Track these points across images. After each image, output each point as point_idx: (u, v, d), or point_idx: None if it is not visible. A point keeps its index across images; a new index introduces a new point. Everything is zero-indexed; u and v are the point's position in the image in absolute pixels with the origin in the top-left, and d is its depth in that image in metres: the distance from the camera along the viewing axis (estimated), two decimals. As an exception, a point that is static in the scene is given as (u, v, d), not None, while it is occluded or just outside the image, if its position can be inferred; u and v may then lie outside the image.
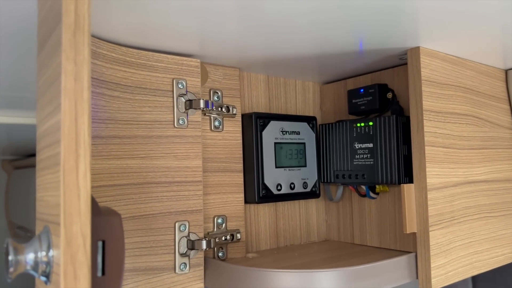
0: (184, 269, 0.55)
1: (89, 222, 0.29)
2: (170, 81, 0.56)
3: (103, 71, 0.50)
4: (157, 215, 0.54)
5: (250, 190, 0.66)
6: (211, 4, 0.44)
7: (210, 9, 0.44)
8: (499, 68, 0.73)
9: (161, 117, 0.55)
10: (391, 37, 0.55)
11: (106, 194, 0.50)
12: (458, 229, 0.61)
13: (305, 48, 0.60)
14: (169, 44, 0.55)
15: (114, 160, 0.51)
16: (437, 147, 0.58)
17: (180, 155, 0.56)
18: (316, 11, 0.46)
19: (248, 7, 0.45)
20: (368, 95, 0.68)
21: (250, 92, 0.71)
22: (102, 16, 0.45)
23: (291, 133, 0.70)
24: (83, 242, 0.29)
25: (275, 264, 0.61)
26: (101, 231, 0.31)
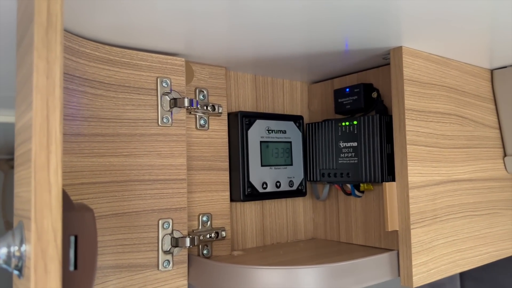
0: (167, 266, 0.56)
1: (60, 217, 0.29)
2: (154, 79, 0.57)
3: (86, 69, 0.51)
4: (140, 212, 0.54)
5: (236, 188, 0.66)
6: (197, 4, 0.44)
7: (196, 8, 0.45)
8: (485, 68, 0.74)
9: (145, 115, 0.56)
10: (374, 36, 0.56)
11: (88, 191, 0.50)
12: (440, 227, 0.61)
13: (292, 48, 0.60)
14: (154, 43, 0.56)
15: (97, 158, 0.51)
16: (419, 146, 0.59)
17: (164, 153, 0.57)
18: (303, 10, 0.46)
19: (235, 7, 0.45)
20: (353, 94, 0.68)
21: (237, 91, 0.71)
22: (85, 15, 0.45)
23: (277, 132, 0.71)
24: (54, 236, 0.29)
25: (260, 262, 0.61)
26: (73, 226, 0.31)
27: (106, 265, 0.52)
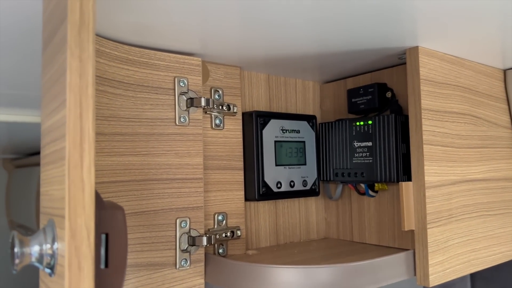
0: (185, 265, 0.56)
1: (93, 216, 0.29)
2: (171, 79, 0.57)
3: (106, 69, 0.51)
4: (158, 211, 0.55)
5: (250, 187, 0.66)
6: (213, 3, 0.44)
7: (211, 8, 0.45)
8: (498, 68, 0.74)
9: (163, 114, 0.56)
10: (390, 36, 0.56)
11: (108, 190, 0.51)
12: (456, 227, 0.61)
13: (305, 47, 0.60)
14: (171, 43, 0.56)
15: (117, 157, 0.52)
16: (435, 146, 0.59)
17: (181, 152, 0.57)
18: (316, 10, 0.47)
19: (249, 7, 0.45)
20: (367, 94, 0.69)
21: (250, 90, 0.72)
22: (105, 15, 0.46)
23: (291, 132, 0.71)
24: (87, 234, 0.29)
25: (275, 261, 0.62)
26: (104, 225, 0.31)
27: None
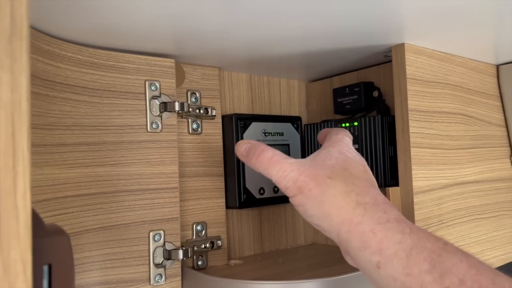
0: (159, 281, 0.53)
1: (29, 247, 0.26)
2: (142, 83, 0.53)
3: (68, 74, 0.48)
4: (129, 224, 0.51)
5: (231, 195, 0.63)
6: (186, 3, 0.41)
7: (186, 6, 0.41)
8: (490, 63, 0.70)
9: (133, 121, 0.52)
10: (375, 33, 0.53)
11: (73, 205, 0.47)
12: (446, 233, 0.58)
13: (289, 45, 0.57)
14: (141, 44, 0.52)
15: (82, 169, 0.48)
16: (423, 148, 0.56)
17: (154, 160, 0.53)
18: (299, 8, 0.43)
19: (227, 5, 0.42)
20: (353, 94, 0.65)
21: (231, 92, 0.68)
22: (65, 16, 0.42)
23: (274, 135, 0.68)
24: (23, 268, 0.26)
25: (258, 272, 0.59)
26: (46, 254, 0.28)
27: (94, 282, 0.49)
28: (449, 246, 0.35)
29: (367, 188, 0.40)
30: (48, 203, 0.44)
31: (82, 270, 0.48)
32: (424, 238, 0.36)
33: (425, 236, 0.36)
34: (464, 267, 0.33)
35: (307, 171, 0.41)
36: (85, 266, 0.48)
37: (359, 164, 0.44)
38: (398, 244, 0.36)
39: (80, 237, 0.48)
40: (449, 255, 0.34)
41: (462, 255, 0.34)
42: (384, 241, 0.36)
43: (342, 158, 0.43)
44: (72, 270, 0.29)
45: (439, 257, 0.34)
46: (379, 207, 0.38)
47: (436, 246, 0.35)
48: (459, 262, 0.34)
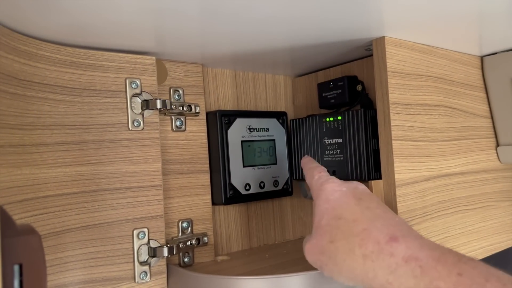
0: (144, 278, 0.53)
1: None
2: (122, 81, 0.53)
3: (46, 74, 0.47)
4: (113, 223, 0.51)
5: (217, 191, 0.63)
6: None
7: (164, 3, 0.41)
8: (474, 55, 0.70)
9: (114, 119, 0.52)
10: (355, 27, 0.52)
11: (54, 204, 0.47)
12: (431, 225, 0.58)
13: (273, 41, 0.57)
14: (121, 42, 0.52)
15: (62, 168, 0.48)
16: (406, 141, 0.56)
17: (136, 159, 0.53)
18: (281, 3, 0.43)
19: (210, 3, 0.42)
20: (337, 88, 0.65)
21: (215, 88, 0.68)
22: (41, 15, 0.42)
23: (260, 130, 0.68)
24: (-8, 268, 0.26)
25: (244, 268, 0.59)
26: (17, 254, 0.28)
27: (78, 281, 0.49)
28: (464, 276, 0.34)
29: (367, 232, 0.41)
30: (28, 203, 0.44)
31: (66, 269, 0.48)
32: (436, 278, 0.35)
33: (437, 274, 0.35)
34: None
35: (314, 247, 0.44)
36: (68, 265, 0.48)
37: (349, 198, 0.45)
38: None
39: (62, 236, 0.48)
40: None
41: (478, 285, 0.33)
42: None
43: (332, 207, 0.45)
44: (44, 270, 0.29)
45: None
46: (384, 252, 0.39)
47: (450, 283, 0.34)
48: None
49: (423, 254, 0.37)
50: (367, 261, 0.39)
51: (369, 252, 0.39)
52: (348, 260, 0.41)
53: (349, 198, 0.45)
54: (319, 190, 0.47)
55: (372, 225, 0.41)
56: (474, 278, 0.34)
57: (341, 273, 0.42)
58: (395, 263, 0.38)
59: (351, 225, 0.42)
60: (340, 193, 0.45)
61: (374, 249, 0.39)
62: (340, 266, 0.41)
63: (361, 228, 0.41)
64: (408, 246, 0.38)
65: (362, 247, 0.40)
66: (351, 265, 0.40)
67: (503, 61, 0.69)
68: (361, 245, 0.40)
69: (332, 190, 0.46)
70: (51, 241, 0.47)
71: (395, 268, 0.37)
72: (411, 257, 0.37)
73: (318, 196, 0.47)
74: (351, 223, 0.42)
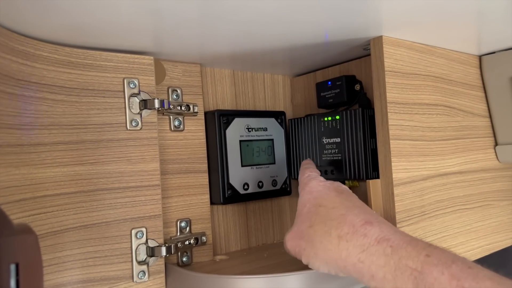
0: (143, 277, 0.53)
1: (-6, 246, 0.26)
2: (120, 81, 0.53)
3: (44, 74, 0.48)
4: (111, 223, 0.51)
5: (215, 191, 0.63)
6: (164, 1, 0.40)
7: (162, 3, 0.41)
8: (473, 54, 0.70)
9: (112, 119, 0.52)
10: (353, 26, 0.52)
11: (52, 204, 0.47)
12: (429, 224, 0.58)
13: (271, 41, 0.57)
14: (119, 42, 0.52)
15: (60, 168, 0.48)
16: (403, 140, 0.56)
17: (134, 158, 0.53)
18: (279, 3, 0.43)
19: (209, 3, 0.42)
20: (335, 87, 0.65)
21: (214, 88, 0.68)
22: (39, 16, 0.42)
23: (258, 130, 0.68)
24: (-12, 267, 0.26)
25: (243, 267, 0.59)
26: (13, 253, 0.28)
27: (77, 280, 0.49)
28: (432, 257, 0.36)
29: (343, 217, 0.43)
30: (25, 203, 0.44)
31: (64, 268, 0.48)
32: (405, 257, 0.37)
33: (406, 254, 0.37)
34: (445, 279, 0.34)
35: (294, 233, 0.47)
36: (66, 264, 0.48)
37: (331, 190, 0.47)
38: (384, 267, 0.38)
39: (60, 235, 0.48)
40: (431, 269, 0.35)
41: (443, 266, 0.35)
42: (372, 267, 0.39)
43: (314, 197, 0.48)
44: (40, 269, 0.30)
45: (421, 275, 0.35)
46: (358, 233, 0.41)
47: (418, 262, 0.36)
48: (440, 275, 0.35)
49: (395, 236, 0.39)
50: (341, 241, 0.41)
51: (344, 233, 0.42)
52: (324, 241, 0.43)
53: (331, 191, 0.48)
54: (305, 184, 0.50)
55: (349, 211, 0.44)
56: (441, 259, 0.36)
57: (317, 255, 0.44)
58: (367, 243, 0.40)
59: (329, 211, 0.44)
60: (323, 187, 0.48)
61: (349, 230, 0.42)
62: (317, 248, 0.44)
63: (339, 214, 0.44)
64: (381, 229, 0.41)
65: (338, 229, 0.42)
66: (327, 246, 0.43)
67: (501, 60, 0.69)
68: (337, 228, 0.43)
69: (317, 184, 0.49)
70: (49, 241, 0.47)
71: (367, 247, 0.40)
72: (383, 239, 0.39)
73: (303, 189, 0.50)
74: (330, 209, 0.45)
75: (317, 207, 0.46)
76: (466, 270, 0.34)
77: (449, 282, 0.34)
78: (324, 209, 0.45)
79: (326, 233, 0.43)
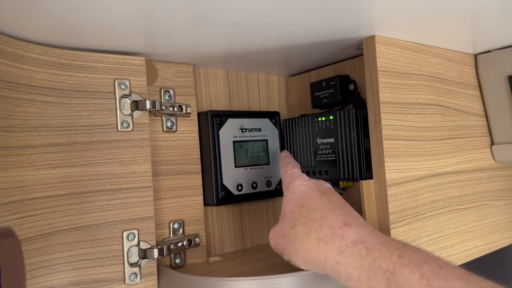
0: (134, 280, 0.53)
1: (-27, 250, 0.26)
2: (111, 82, 0.53)
3: (33, 75, 0.47)
4: (102, 225, 0.51)
5: (209, 192, 0.63)
6: (155, 2, 0.40)
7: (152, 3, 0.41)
8: (468, 53, 0.70)
9: (102, 120, 0.52)
10: (346, 26, 0.52)
11: (42, 206, 0.47)
12: (423, 225, 0.58)
13: (265, 41, 0.56)
14: (110, 43, 0.52)
15: (50, 170, 0.48)
16: (397, 140, 0.55)
17: (125, 160, 0.53)
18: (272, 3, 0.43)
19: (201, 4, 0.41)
20: (329, 87, 0.65)
21: (207, 89, 0.68)
22: (28, 18, 0.42)
23: (252, 130, 0.67)
24: (-32, 272, 0.26)
25: (236, 268, 0.59)
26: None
27: (67, 282, 0.49)
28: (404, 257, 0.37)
29: (324, 219, 0.44)
30: (15, 205, 0.44)
31: (54, 271, 0.48)
32: (378, 258, 0.38)
33: (379, 255, 0.38)
34: (416, 279, 0.35)
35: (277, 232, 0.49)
36: (57, 267, 0.48)
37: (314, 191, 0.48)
38: (359, 268, 0.39)
39: (51, 238, 0.48)
40: (402, 270, 0.36)
41: (415, 266, 0.36)
42: (348, 269, 0.40)
43: (297, 197, 0.49)
44: (23, 273, 0.29)
45: (393, 275, 0.36)
46: (336, 235, 0.42)
47: (390, 263, 0.37)
48: (411, 275, 0.35)
49: (371, 238, 0.40)
50: (320, 243, 0.43)
51: (323, 236, 0.43)
52: (304, 242, 0.44)
53: (314, 191, 0.48)
54: (289, 183, 0.51)
55: (330, 213, 0.45)
56: (413, 260, 0.36)
57: (297, 255, 0.45)
58: (344, 245, 0.41)
59: (311, 213, 0.45)
60: (306, 186, 0.49)
61: (328, 232, 0.43)
62: (297, 248, 0.45)
63: (320, 215, 0.45)
64: (358, 231, 0.42)
65: (317, 231, 0.44)
66: (307, 248, 0.44)
67: (497, 59, 0.69)
68: (317, 229, 0.44)
69: (300, 184, 0.50)
70: (40, 243, 0.47)
71: (344, 249, 0.41)
72: (359, 240, 0.40)
73: (287, 189, 0.51)
74: (312, 211, 0.46)
75: (300, 208, 0.47)
76: (436, 269, 0.35)
77: (419, 282, 0.35)
78: (306, 210, 0.46)
79: (306, 234, 0.44)
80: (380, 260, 0.38)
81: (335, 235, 0.42)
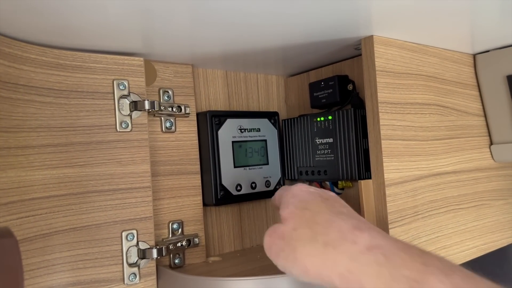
0: (133, 280, 0.53)
1: (-29, 250, 0.26)
2: (110, 82, 0.53)
3: (32, 76, 0.47)
4: (101, 225, 0.51)
5: (208, 192, 0.63)
6: (154, 3, 0.40)
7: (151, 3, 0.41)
8: (467, 53, 0.70)
9: (101, 121, 0.52)
10: (344, 26, 0.52)
11: (41, 206, 0.47)
12: (422, 225, 0.58)
13: (263, 41, 0.56)
14: (108, 43, 0.52)
15: (49, 170, 0.48)
16: (395, 140, 0.55)
17: (124, 160, 0.53)
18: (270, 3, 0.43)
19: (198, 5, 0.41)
20: (328, 87, 0.65)
21: (206, 89, 0.68)
22: (26, 19, 0.42)
23: (251, 131, 0.67)
24: (-35, 272, 0.26)
25: (235, 268, 0.59)
26: (-7, 257, 0.28)
27: (66, 283, 0.49)
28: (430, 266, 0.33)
29: (330, 222, 0.40)
30: (13, 206, 0.44)
31: (53, 271, 0.48)
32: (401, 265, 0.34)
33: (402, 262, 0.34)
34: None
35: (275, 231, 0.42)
36: (56, 267, 0.48)
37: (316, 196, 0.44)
38: (377, 278, 0.34)
39: (49, 238, 0.48)
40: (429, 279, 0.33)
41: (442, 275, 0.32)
42: (363, 278, 0.35)
43: (299, 200, 0.43)
44: (21, 274, 0.29)
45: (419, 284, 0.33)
46: (347, 239, 0.37)
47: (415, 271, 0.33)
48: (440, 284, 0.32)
49: (387, 243, 0.36)
50: (328, 248, 0.37)
51: (331, 240, 0.38)
52: (308, 246, 0.39)
53: (316, 196, 0.44)
54: (286, 190, 0.46)
55: (336, 216, 0.40)
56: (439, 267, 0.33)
57: (296, 261, 0.39)
58: (357, 250, 0.36)
59: (315, 215, 0.41)
60: (307, 192, 0.45)
61: (336, 236, 0.38)
62: (298, 252, 0.39)
63: (325, 218, 0.40)
64: (372, 236, 0.37)
65: (324, 234, 0.38)
66: (310, 252, 0.38)
67: (495, 58, 0.69)
68: (323, 233, 0.38)
69: (299, 190, 0.45)
70: (39, 244, 0.47)
71: (357, 256, 0.36)
72: (375, 246, 0.36)
73: (286, 195, 0.46)
74: (316, 213, 0.41)
75: (302, 210, 0.42)
76: (466, 279, 0.32)
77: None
78: (309, 213, 0.41)
79: (311, 238, 0.39)
80: (402, 268, 0.34)
81: (346, 240, 0.37)
